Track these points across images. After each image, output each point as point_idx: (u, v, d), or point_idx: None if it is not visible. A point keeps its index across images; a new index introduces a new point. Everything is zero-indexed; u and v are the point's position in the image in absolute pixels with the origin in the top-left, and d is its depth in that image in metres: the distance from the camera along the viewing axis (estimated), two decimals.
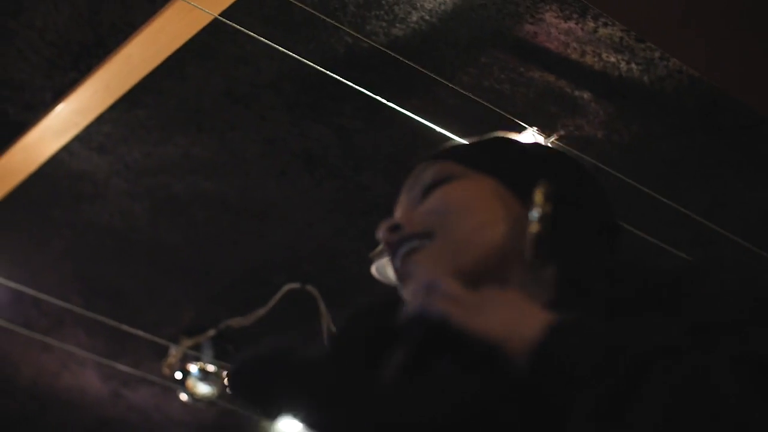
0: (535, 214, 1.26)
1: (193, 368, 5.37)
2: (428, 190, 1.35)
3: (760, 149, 4.15)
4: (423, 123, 3.91)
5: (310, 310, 5.09)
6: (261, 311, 5.10)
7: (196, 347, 5.35)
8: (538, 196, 1.27)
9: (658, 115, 3.96)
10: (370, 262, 4.65)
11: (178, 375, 5.39)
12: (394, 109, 3.89)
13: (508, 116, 3.87)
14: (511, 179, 1.33)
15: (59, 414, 6.15)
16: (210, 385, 5.42)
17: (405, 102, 3.90)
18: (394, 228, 1.35)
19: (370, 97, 3.84)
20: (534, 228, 1.26)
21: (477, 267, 1.28)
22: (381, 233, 1.36)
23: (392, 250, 1.34)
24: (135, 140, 4.21)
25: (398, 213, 1.38)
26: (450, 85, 3.79)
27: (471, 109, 3.87)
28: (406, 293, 1.31)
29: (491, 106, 3.84)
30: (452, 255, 1.28)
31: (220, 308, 5.22)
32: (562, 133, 3.99)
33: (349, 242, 4.75)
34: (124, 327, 5.25)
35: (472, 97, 3.82)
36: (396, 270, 1.33)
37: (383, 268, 4.63)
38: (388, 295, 1.37)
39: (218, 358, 5.41)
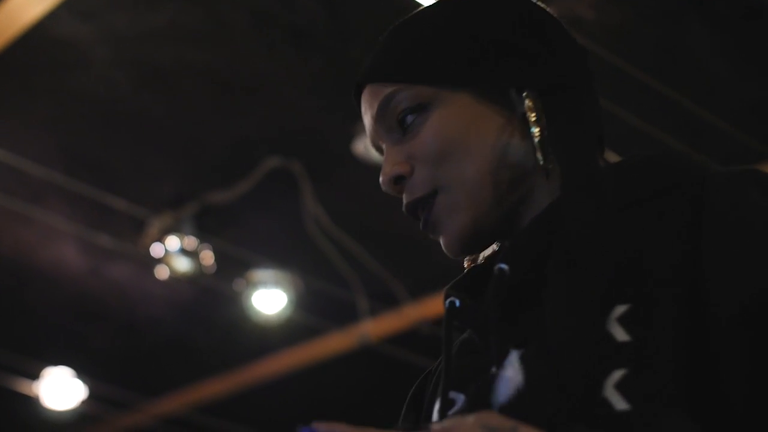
0: (531, 124, 1.22)
1: (173, 243, 5.37)
2: (408, 125, 1.27)
3: (756, 42, 4.13)
4: None
5: (293, 186, 5.08)
6: (244, 186, 5.08)
7: (177, 221, 5.34)
8: (529, 109, 1.22)
9: None
10: (354, 137, 4.63)
11: (159, 250, 5.38)
12: None
13: None
14: (488, 87, 1.26)
15: (37, 288, 6.15)
16: (189, 260, 5.42)
17: None
18: (397, 181, 1.29)
19: None
20: (536, 135, 1.22)
21: (495, 199, 1.24)
22: (385, 185, 1.30)
23: (410, 213, 1.31)
24: (121, 7, 4.15)
25: (389, 163, 1.29)
26: None
27: None
28: (444, 247, 1.30)
29: None
30: (466, 200, 1.25)
31: (203, 182, 5.20)
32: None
33: (336, 118, 4.72)
34: (106, 198, 5.22)
35: None
36: (425, 228, 1.31)
37: (367, 146, 4.61)
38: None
39: (199, 234, 5.40)
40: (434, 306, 6.13)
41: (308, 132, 4.86)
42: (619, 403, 1.02)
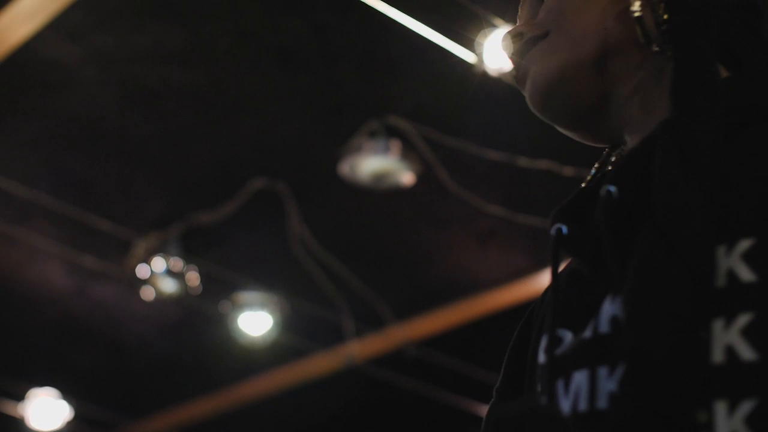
0: None
1: (159, 264, 5.37)
2: None
3: None
4: (398, 17, 3.88)
5: (279, 207, 5.09)
6: (229, 207, 5.09)
7: (163, 242, 5.34)
8: None
9: None
10: (340, 158, 4.65)
11: (144, 271, 5.38)
12: (369, 3, 3.85)
13: (485, 13, 3.84)
14: None
15: (22, 309, 6.14)
16: (175, 281, 5.42)
17: None
18: (517, 35, 1.25)
19: None
20: (635, 8, 1.15)
21: (597, 57, 1.18)
22: (504, 45, 1.26)
23: (516, 61, 1.25)
24: (107, 28, 4.15)
25: (519, 22, 1.28)
26: None
27: (447, 4, 3.84)
28: (526, 95, 1.23)
29: (468, 2, 3.81)
30: (569, 45, 1.19)
31: (188, 203, 5.20)
32: None
33: (322, 140, 4.73)
34: (91, 219, 5.22)
35: None
36: (517, 78, 1.25)
37: (353, 167, 4.63)
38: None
39: (185, 255, 5.41)
40: (419, 327, 6.14)
41: (294, 153, 4.87)
42: (746, 352, 0.91)
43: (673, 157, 1.00)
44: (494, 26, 3.85)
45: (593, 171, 1.25)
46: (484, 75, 3.97)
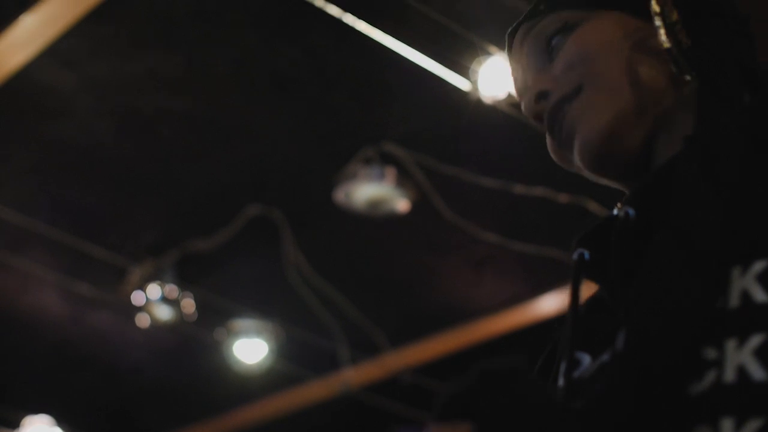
0: (659, 27, 1.15)
1: (154, 291, 5.36)
2: (554, 47, 1.25)
3: None
4: (394, 45, 3.89)
5: (274, 234, 5.09)
6: (225, 234, 5.09)
7: (158, 269, 5.34)
8: (654, 6, 1.15)
9: None
10: (335, 185, 4.65)
11: (140, 298, 5.38)
12: (364, 30, 3.86)
13: (480, 40, 3.85)
14: (634, 5, 1.22)
15: (17, 335, 6.13)
16: (171, 309, 5.41)
17: (376, 23, 3.87)
18: (542, 96, 1.23)
19: (341, 17, 3.80)
20: (664, 42, 1.15)
21: (637, 105, 1.17)
22: (528, 108, 1.25)
23: (551, 121, 1.23)
24: (102, 55, 4.16)
25: (533, 82, 1.25)
26: (422, 6, 3.77)
27: (442, 32, 3.85)
28: (576, 155, 1.22)
29: (463, 30, 3.82)
30: (609, 99, 1.18)
31: (184, 229, 5.20)
32: None
33: (317, 167, 4.73)
34: (87, 246, 5.21)
35: (444, 20, 3.80)
36: (560, 139, 1.23)
37: (348, 194, 4.63)
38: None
39: (180, 282, 5.40)
40: (415, 354, 6.13)
41: (289, 180, 4.88)
42: (757, 372, 0.91)
43: (694, 170, 1.01)
44: (489, 54, 3.86)
45: (623, 200, 1.23)
46: (479, 102, 3.98)
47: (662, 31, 1.15)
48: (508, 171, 4.58)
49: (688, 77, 1.15)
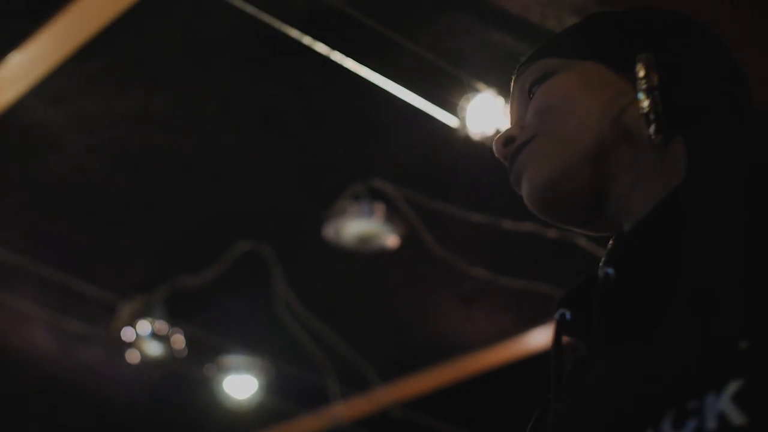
0: (640, 89, 1.15)
1: (144, 328, 5.35)
2: (533, 94, 1.28)
3: None
4: (382, 82, 3.90)
5: (264, 270, 5.09)
6: (214, 271, 5.09)
7: (148, 306, 5.33)
8: (640, 69, 1.16)
9: None
10: (324, 221, 4.65)
11: (130, 334, 5.37)
12: (351, 67, 3.87)
13: (468, 77, 3.86)
14: (615, 59, 1.23)
15: (7, 373, 6.12)
16: (160, 345, 5.41)
17: (364, 60, 3.88)
18: (509, 141, 1.28)
19: (329, 54, 3.82)
20: (644, 105, 1.15)
21: (586, 157, 1.19)
22: (496, 151, 1.29)
23: (510, 165, 1.27)
24: (90, 93, 4.17)
25: (507, 128, 1.31)
26: (410, 44, 3.78)
27: (430, 69, 3.86)
28: (525, 197, 1.25)
29: (451, 67, 3.83)
30: (558, 149, 1.21)
31: (173, 266, 5.20)
32: None
33: (306, 203, 4.73)
34: (76, 283, 5.21)
35: (432, 57, 3.81)
36: (511, 178, 1.27)
37: (337, 230, 4.63)
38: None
39: (170, 318, 5.40)
40: (405, 388, 6.13)
41: (278, 216, 4.88)
42: (738, 417, 0.90)
43: (706, 211, 0.99)
44: (476, 90, 3.87)
45: (603, 259, 1.21)
46: (467, 139, 3.98)
47: (642, 96, 1.16)
48: (497, 207, 4.58)
49: (658, 136, 1.15)
